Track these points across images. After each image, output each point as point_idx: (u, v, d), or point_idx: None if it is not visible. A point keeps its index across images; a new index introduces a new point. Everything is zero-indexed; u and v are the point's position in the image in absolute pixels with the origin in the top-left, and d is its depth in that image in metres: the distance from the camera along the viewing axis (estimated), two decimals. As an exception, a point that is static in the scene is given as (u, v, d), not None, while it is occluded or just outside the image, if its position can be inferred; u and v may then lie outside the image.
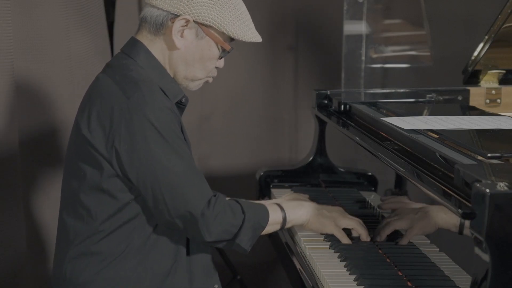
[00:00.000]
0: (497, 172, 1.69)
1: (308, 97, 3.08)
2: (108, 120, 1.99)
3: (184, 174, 1.99)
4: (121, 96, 1.99)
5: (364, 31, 2.87)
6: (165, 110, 2.00)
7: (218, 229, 2.00)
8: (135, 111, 1.97)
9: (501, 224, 1.53)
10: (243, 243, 2.04)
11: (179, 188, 1.98)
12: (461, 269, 1.88)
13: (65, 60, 3.06)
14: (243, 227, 2.02)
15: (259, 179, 2.82)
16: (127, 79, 2.04)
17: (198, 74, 2.15)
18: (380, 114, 2.48)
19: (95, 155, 2.01)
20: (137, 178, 1.99)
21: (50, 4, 2.97)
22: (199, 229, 1.98)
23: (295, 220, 2.16)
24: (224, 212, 2.00)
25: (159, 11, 2.08)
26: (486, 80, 2.86)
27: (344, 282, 1.95)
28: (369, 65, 2.89)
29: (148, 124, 1.96)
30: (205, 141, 3.60)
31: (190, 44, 2.09)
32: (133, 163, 1.98)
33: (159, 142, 1.97)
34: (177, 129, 2.02)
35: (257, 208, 2.10)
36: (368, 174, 2.64)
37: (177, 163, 1.98)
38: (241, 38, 2.11)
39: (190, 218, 1.98)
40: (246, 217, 2.03)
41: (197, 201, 1.98)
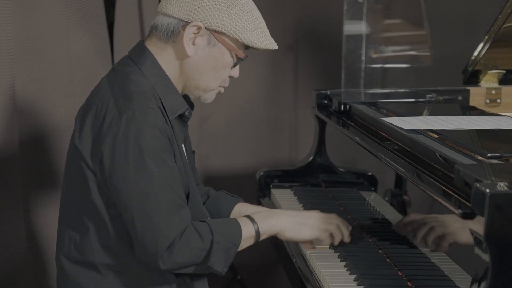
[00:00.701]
0: (497, 172, 1.69)
1: (308, 97, 3.08)
2: (98, 132, 1.96)
3: (158, 202, 1.91)
4: (114, 109, 1.95)
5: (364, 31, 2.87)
6: (153, 129, 1.92)
7: (184, 258, 1.93)
8: (123, 127, 1.92)
9: (501, 224, 1.53)
10: (216, 265, 1.96)
11: (151, 217, 1.91)
12: (461, 269, 1.88)
13: (65, 60, 3.06)
14: (212, 250, 1.94)
15: (259, 179, 2.82)
16: (124, 91, 1.98)
17: (211, 83, 2.08)
18: (380, 114, 2.48)
19: (83, 167, 1.99)
20: (115, 196, 1.95)
21: (50, 4, 2.97)
22: (157, 262, 1.91)
23: (269, 231, 2.08)
24: (191, 238, 1.93)
25: (171, 19, 2.02)
26: (486, 80, 2.86)
27: (344, 282, 1.95)
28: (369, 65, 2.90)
29: (132, 143, 1.91)
30: (205, 141, 3.60)
31: (202, 52, 2.03)
32: (112, 180, 1.94)
33: (140, 163, 1.91)
34: (163, 151, 1.94)
35: (228, 227, 2.02)
36: (368, 174, 2.64)
37: (153, 189, 1.91)
38: (255, 45, 2.04)
39: (151, 248, 1.91)
40: (214, 239, 1.95)
41: (165, 233, 1.90)
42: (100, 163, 1.96)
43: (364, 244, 2.18)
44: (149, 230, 1.91)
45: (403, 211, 2.30)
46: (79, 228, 2.05)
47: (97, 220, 2.02)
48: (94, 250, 2.04)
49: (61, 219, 2.14)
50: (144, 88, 2.00)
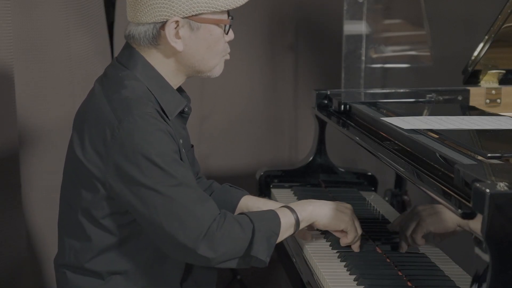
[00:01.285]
0: (497, 172, 1.69)
1: (308, 97, 3.08)
2: (102, 145, 1.94)
3: (182, 199, 1.90)
4: (113, 119, 1.93)
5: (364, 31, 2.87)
6: (157, 133, 1.92)
7: (226, 247, 1.91)
8: (126, 137, 1.90)
9: (501, 224, 1.53)
10: (259, 254, 1.93)
11: (179, 217, 1.89)
12: (461, 269, 1.88)
13: (65, 60, 3.06)
14: (254, 239, 1.93)
15: (259, 179, 2.82)
16: (120, 99, 1.96)
17: (212, 62, 2.06)
18: (380, 114, 2.48)
19: (91, 179, 1.97)
20: (131, 206, 1.93)
21: (50, 4, 2.97)
22: (200, 254, 1.90)
23: (308, 218, 2.06)
24: (231, 228, 1.92)
25: (145, 26, 1.99)
26: (486, 80, 2.86)
27: (344, 282, 1.95)
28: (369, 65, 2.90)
29: (140, 150, 1.89)
30: (205, 141, 3.60)
31: (190, 40, 2.01)
32: (127, 192, 1.92)
33: (155, 172, 1.89)
34: (171, 151, 1.94)
35: (267, 216, 2.01)
36: (368, 174, 2.64)
37: (173, 189, 1.90)
38: (233, 5, 2.01)
39: (190, 244, 1.89)
40: (255, 227, 1.94)
41: (197, 225, 1.89)
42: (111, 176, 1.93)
43: (364, 244, 2.18)
44: (180, 229, 1.89)
45: (403, 211, 2.30)
46: (79, 236, 2.04)
47: (100, 228, 2.01)
48: (95, 257, 2.03)
49: (61, 226, 2.12)
50: (140, 93, 1.99)
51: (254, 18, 3.56)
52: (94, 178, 1.97)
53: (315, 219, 2.08)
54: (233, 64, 3.54)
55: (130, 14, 2.03)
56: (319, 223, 2.09)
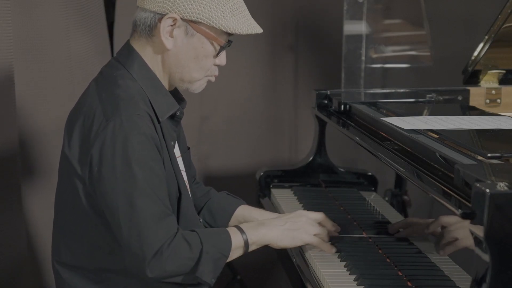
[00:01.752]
0: (497, 172, 1.69)
1: (308, 97, 3.08)
2: (87, 140, 1.94)
3: (145, 211, 1.89)
4: (101, 116, 1.93)
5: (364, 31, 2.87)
6: (141, 137, 1.90)
7: (172, 267, 1.90)
8: (110, 135, 1.90)
9: (501, 224, 1.53)
10: (204, 276, 1.92)
11: (137, 225, 1.88)
12: (461, 269, 1.88)
13: (65, 60, 3.06)
14: (201, 260, 1.91)
15: (259, 179, 2.82)
16: (111, 98, 1.96)
17: (194, 74, 2.05)
18: (380, 114, 2.48)
19: (71, 174, 1.98)
20: (102, 203, 1.94)
21: (50, 4, 2.97)
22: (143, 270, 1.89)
23: (259, 241, 2.03)
24: (179, 248, 1.90)
25: (147, 13, 2.00)
26: (486, 80, 2.86)
27: (344, 282, 1.95)
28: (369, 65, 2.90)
29: (119, 153, 1.89)
30: (205, 141, 3.60)
31: (180, 43, 2.00)
32: (99, 187, 1.92)
33: (126, 173, 1.89)
34: (151, 159, 1.92)
35: (218, 237, 1.98)
36: (368, 174, 2.64)
37: (139, 199, 1.88)
38: (235, 31, 1.99)
39: (140, 256, 1.89)
40: (203, 249, 1.92)
41: (151, 241, 1.88)
42: (89, 170, 1.94)
43: (364, 244, 2.18)
44: (136, 239, 1.89)
45: (403, 211, 2.30)
46: (73, 235, 2.05)
47: (90, 227, 2.01)
48: (89, 256, 2.03)
49: (56, 226, 2.12)
50: (132, 93, 1.98)
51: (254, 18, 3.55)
52: (76, 176, 1.97)
53: (268, 242, 2.05)
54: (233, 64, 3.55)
55: (139, 0, 2.05)
56: (274, 246, 2.06)
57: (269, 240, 2.05)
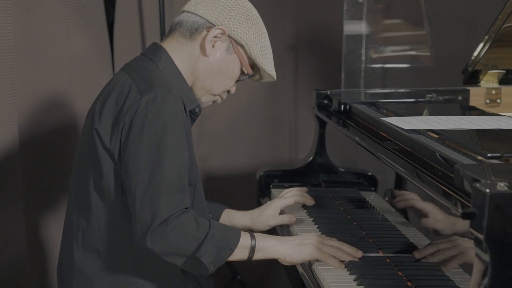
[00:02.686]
0: (497, 172, 1.69)
1: (308, 97, 3.08)
2: (118, 113, 2.00)
3: (162, 182, 1.93)
4: (136, 92, 2.00)
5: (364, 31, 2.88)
6: (171, 114, 1.98)
7: (176, 239, 1.92)
8: (142, 110, 1.97)
9: (501, 224, 1.53)
10: (203, 257, 1.93)
11: (151, 193, 1.92)
12: (461, 269, 1.88)
13: (65, 60, 3.06)
14: (205, 241, 1.93)
15: (259, 179, 2.82)
16: (145, 78, 2.04)
17: (215, 88, 2.16)
18: (380, 114, 2.48)
19: (99, 150, 2.02)
20: (124, 173, 1.98)
21: (50, 4, 2.97)
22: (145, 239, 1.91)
23: (267, 249, 2.04)
24: (188, 223, 1.93)
25: (198, 18, 2.11)
26: (486, 80, 2.86)
27: (344, 282, 1.95)
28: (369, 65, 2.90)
29: (148, 124, 1.95)
30: (205, 141, 3.60)
31: (219, 56, 2.11)
32: (124, 155, 1.98)
33: (152, 144, 1.95)
34: (178, 135, 1.99)
35: (228, 229, 2.03)
36: (368, 174, 2.64)
37: (159, 170, 1.93)
38: (263, 67, 2.15)
39: (148, 222, 1.91)
40: (210, 232, 1.95)
41: (162, 210, 1.91)
42: (119, 141, 1.99)
43: (364, 244, 2.18)
44: (147, 205, 1.92)
45: (403, 211, 2.30)
46: (88, 215, 2.07)
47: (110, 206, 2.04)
48: (102, 237, 2.06)
49: (70, 206, 2.15)
50: (163, 80, 2.06)
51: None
52: (105, 149, 2.02)
53: (276, 255, 2.06)
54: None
55: (191, 4, 2.13)
56: (283, 261, 2.07)
57: (277, 253, 2.05)
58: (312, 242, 2.07)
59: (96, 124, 2.05)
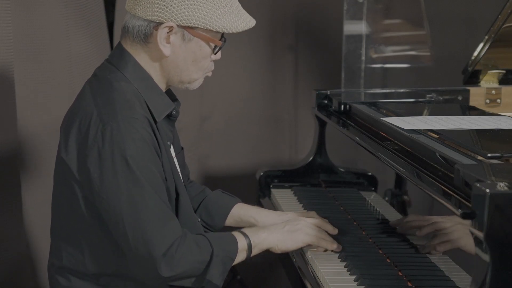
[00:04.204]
0: (497, 172, 1.69)
1: (308, 97, 3.08)
2: (84, 145, 1.94)
3: (150, 214, 1.89)
4: (98, 122, 1.92)
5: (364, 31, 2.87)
6: (139, 142, 1.91)
7: (183, 268, 1.91)
8: (108, 141, 1.90)
9: (501, 224, 1.53)
10: (214, 278, 1.94)
11: (142, 228, 1.89)
12: (461, 269, 1.88)
13: (65, 60, 3.06)
14: (212, 263, 1.94)
15: (259, 179, 2.82)
16: (108, 102, 1.96)
17: (194, 75, 2.06)
18: (380, 114, 2.48)
19: (69, 180, 1.97)
20: (103, 209, 1.93)
21: (50, 4, 2.97)
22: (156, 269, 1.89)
23: (261, 244, 2.05)
24: (189, 250, 1.92)
25: (140, 21, 1.99)
26: (486, 80, 2.86)
27: (344, 282, 1.95)
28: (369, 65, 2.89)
29: (119, 157, 1.89)
30: (205, 141, 3.60)
31: (178, 48, 2.00)
32: (100, 193, 1.92)
33: (128, 177, 1.89)
34: (150, 162, 1.93)
35: (225, 240, 2.01)
36: (368, 174, 2.64)
37: (143, 202, 1.89)
38: (230, 30, 2.00)
39: (148, 258, 1.89)
40: (214, 252, 1.94)
41: (159, 243, 1.89)
42: (87, 177, 1.94)
43: (364, 244, 2.18)
44: (142, 242, 1.89)
45: (403, 211, 2.30)
46: (71, 239, 2.04)
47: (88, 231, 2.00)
48: (88, 260, 2.02)
49: (53, 230, 2.11)
50: (128, 96, 1.98)
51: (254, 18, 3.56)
52: (72, 179, 1.97)
53: (270, 245, 2.07)
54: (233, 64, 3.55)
55: (129, 4, 2.02)
56: (275, 250, 2.09)
57: (270, 243, 2.07)
58: (302, 227, 2.10)
59: (62, 152, 1.99)
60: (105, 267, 2.01)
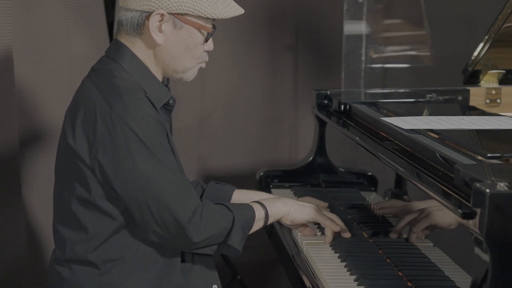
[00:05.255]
0: (497, 172, 1.69)
1: (308, 97, 3.08)
2: (92, 130, 1.97)
3: (169, 184, 1.96)
4: (104, 105, 1.97)
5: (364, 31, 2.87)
6: (148, 118, 1.97)
7: (209, 233, 1.99)
8: (117, 121, 1.94)
9: (501, 224, 1.53)
10: (235, 243, 2.02)
11: (164, 198, 1.95)
12: (461, 269, 1.88)
13: (65, 60, 3.06)
14: (233, 228, 2.02)
15: (259, 179, 2.82)
16: (111, 87, 2.01)
17: (187, 64, 2.11)
18: (380, 114, 2.48)
19: (80, 166, 2.00)
20: (121, 189, 1.97)
21: (50, 4, 2.97)
22: (187, 236, 1.96)
23: (276, 213, 2.16)
24: (213, 217, 1.99)
25: (133, 13, 2.05)
26: (486, 80, 2.86)
27: (344, 282, 1.95)
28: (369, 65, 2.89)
29: (131, 134, 1.94)
30: (205, 141, 3.60)
31: (170, 37, 2.05)
32: (118, 174, 1.96)
33: (143, 152, 1.95)
34: (161, 137, 1.99)
35: (243, 208, 2.10)
36: (368, 174, 2.64)
37: (161, 174, 1.95)
38: (220, 16, 2.05)
39: (176, 226, 1.96)
40: (235, 218, 2.03)
41: (183, 210, 1.95)
42: (98, 161, 1.97)
43: (364, 244, 2.18)
44: (167, 212, 1.95)
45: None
46: (76, 226, 2.05)
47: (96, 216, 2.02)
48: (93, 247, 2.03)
49: (58, 220, 2.12)
50: (130, 82, 2.03)
51: (254, 18, 3.56)
52: (84, 165, 1.99)
53: (282, 215, 2.18)
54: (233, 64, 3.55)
55: (121, 0, 2.08)
56: (285, 219, 2.20)
57: (283, 212, 2.18)
58: (312, 206, 2.24)
59: (70, 139, 2.02)
60: (109, 253, 2.04)
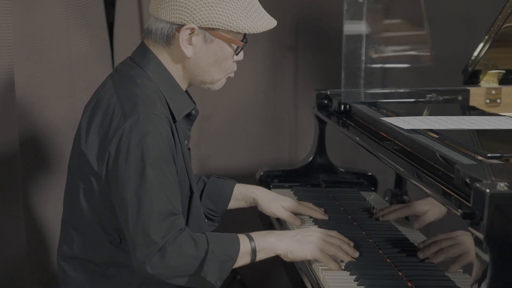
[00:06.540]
0: (497, 172, 1.69)
1: (308, 97, 3.08)
2: (104, 136, 1.99)
3: (151, 208, 1.92)
4: (120, 114, 1.97)
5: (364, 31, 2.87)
6: (156, 137, 1.94)
7: (176, 262, 1.92)
8: (126, 133, 1.94)
9: (501, 224, 1.53)
10: (208, 276, 1.92)
11: (142, 220, 1.91)
12: (461, 269, 1.88)
13: (65, 60, 3.06)
14: (206, 260, 1.92)
15: (259, 179, 2.82)
16: (129, 96, 2.00)
17: (216, 76, 2.10)
18: (380, 114, 2.48)
19: (88, 170, 2.01)
20: (113, 195, 1.97)
21: (50, 4, 2.97)
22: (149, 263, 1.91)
23: (267, 249, 2.02)
24: (185, 244, 1.92)
25: (163, 23, 2.03)
26: (486, 80, 2.86)
27: (344, 282, 1.95)
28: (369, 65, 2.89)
29: (134, 149, 1.93)
30: (205, 141, 3.60)
31: (200, 50, 2.04)
32: (111, 180, 1.97)
33: (138, 170, 1.92)
34: (163, 160, 1.95)
35: (226, 239, 1.99)
36: (368, 174, 2.64)
37: (148, 196, 1.92)
38: (252, 31, 2.04)
39: (145, 251, 1.91)
40: (209, 249, 1.93)
41: (156, 238, 1.90)
42: (106, 166, 1.98)
43: (364, 244, 2.18)
44: (140, 234, 1.92)
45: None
46: (82, 229, 2.07)
47: (100, 222, 2.04)
48: (97, 249, 2.05)
49: (65, 220, 2.14)
50: (149, 92, 2.02)
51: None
52: (92, 173, 2.00)
53: (277, 252, 2.04)
54: (233, 64, 3.55)
55: (152, 7, 2.06)
56: (285, 257, 2.05)
57: (278, 249, 2.03)
58: (314, 240, 2.05)
59: (82, 144, 2.03)
60: (114, 257, 2.04)
